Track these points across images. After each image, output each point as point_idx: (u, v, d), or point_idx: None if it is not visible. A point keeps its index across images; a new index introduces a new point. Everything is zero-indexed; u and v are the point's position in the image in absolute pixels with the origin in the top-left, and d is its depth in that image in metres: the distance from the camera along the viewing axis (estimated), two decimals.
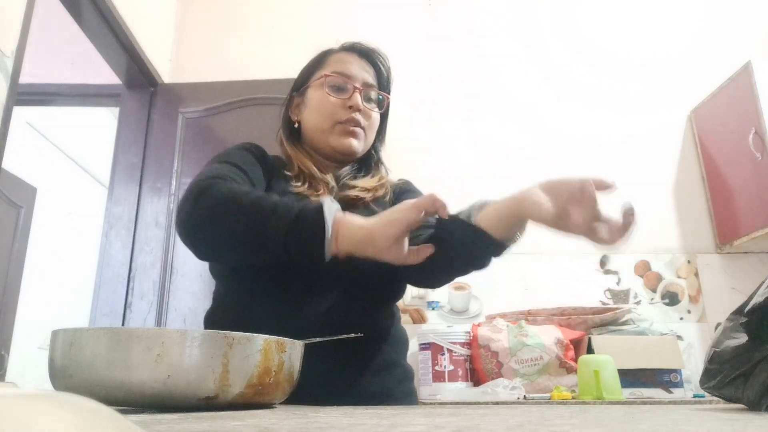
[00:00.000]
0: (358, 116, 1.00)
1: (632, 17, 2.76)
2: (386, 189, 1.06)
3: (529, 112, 2.63)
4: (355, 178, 1.05)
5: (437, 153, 2.57)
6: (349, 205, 0.96)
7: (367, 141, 1.04)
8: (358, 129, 1.00)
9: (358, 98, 1.00)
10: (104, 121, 3.81)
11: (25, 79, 1.70)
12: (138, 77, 2.49)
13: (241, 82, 2.51)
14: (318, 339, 0.70)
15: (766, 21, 2.67)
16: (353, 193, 1.00)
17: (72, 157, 4.27)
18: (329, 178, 1.01)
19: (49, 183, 3.90)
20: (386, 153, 1.13)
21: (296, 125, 1.06)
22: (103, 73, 2.50)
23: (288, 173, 0.99)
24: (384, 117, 1.09)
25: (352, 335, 0.78)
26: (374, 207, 0.99)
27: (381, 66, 1.07)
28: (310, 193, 0.97)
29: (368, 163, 1.09)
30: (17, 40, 1.58)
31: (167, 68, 2.68)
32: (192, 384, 0.48)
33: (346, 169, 1.06)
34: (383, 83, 1.07)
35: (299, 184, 0.98)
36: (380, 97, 1.05)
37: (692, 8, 2.75)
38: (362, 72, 1.03)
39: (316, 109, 1.02)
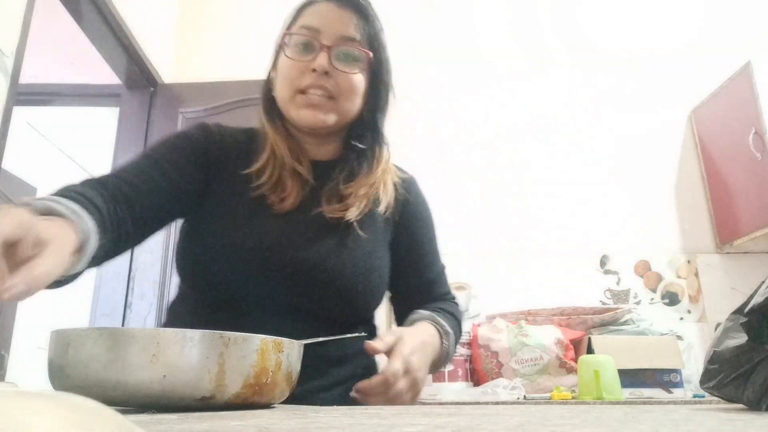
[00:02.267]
0: (324, 81, 0.81)
1: (632, 17, 2.76)
2: (387, 198, 0.89)
3: (529, 112, 2.63)
4: (351, 175, 0.87)
5: (436, 152, 2.57)
6: (327, 227, 0.83)
7: (343, 111, 0.85)
8: (322, 99, 0.82)
9: (322, 59, 0.81)
10: (104, 121, 3.80)
11: (25, 79, 1.70)
12: (138, 77, 2.49)
13: (241, 82, 2.51)
14: (321, 339, 0.70)
15: (766, 21, 2.67)
16: (331, 211, 0.83)
17: (72, 157, 4.27)
18: (305, 168, 0.86)
19: (49, 183, 3.89)
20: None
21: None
22: (103, 73, 2.50)
23: (245, 171, 0.84)
24: (378, 79, 0.88)
25: (355, 335, 0.78)
26: (361, 232, 0.84)
27: (370, 15, 0.86)
28: (276, 198, 0.82)
29: (364, 142, 0.89)
30: (17, 40, 1.58)
31: (167, 68, 2.68)
32: (188, 384, 0.48)
33: (335, 161, 0.89)
34: (372, 38, 0.86)
35: (264, 179, 0.83)
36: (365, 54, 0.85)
37: (692, 8, 2.75)
38: (338, 24, 0.83)
39: (280, 76, 0.85)
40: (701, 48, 2.67)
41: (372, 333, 0.91)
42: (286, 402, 0.59)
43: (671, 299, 2.35)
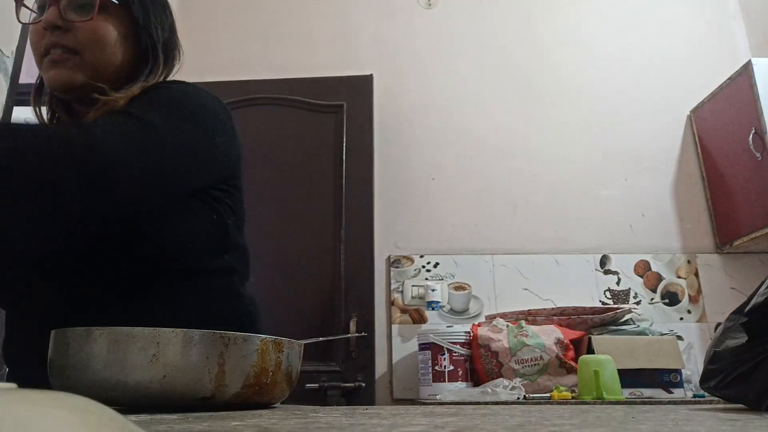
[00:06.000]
0: (60, 38, 0.74)
1: (632, 17, 2.76)
2: None
3: (529, 112, 2.63)
4: None
5: (436, 153, 2.57)
6: None
7: (93, 65, 0.76)
8: (64, 54, 0.74)
9: (49, 14, 0.73)
10: None
11: (25, 79, 1.70)
12: None
13: (241, 82, 2.51)
14: (321, 339, 0.70)
15: (766, 21, 2.67)
16: None
17: None
18: None
19: None
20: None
21: None
22: None
23: None
24: (132, 20, 0.78)
25: (356, 335, 0.78)
26: None
27: None
28: None
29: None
30: (17, 40, 1.58)
31: None
32: (188, 384, 0.48)
33: None
34: None
35: None
36: None
37: (692, 9, 2.75)
38: None
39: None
40: (701, 48, 2.67)
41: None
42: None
43: (671, 299, 2.35)
